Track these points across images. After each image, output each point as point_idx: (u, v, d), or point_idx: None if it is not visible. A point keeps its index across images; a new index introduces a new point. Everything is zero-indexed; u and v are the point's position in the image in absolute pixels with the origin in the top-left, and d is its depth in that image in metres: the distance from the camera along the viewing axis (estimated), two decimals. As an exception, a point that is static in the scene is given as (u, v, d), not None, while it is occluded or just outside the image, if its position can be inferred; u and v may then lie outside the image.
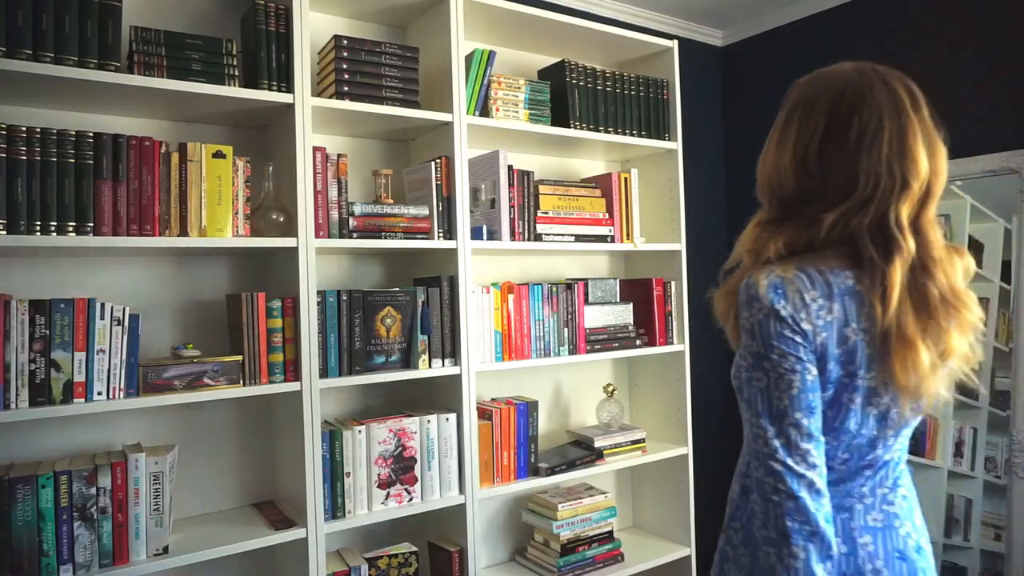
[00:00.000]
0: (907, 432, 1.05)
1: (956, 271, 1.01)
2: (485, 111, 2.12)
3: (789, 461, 0.94)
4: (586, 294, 2.32)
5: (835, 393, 0.99)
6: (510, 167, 2.15)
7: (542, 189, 2.23)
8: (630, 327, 2.39)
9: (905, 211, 0.99)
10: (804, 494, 0.92)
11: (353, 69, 1.89)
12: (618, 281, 2.46)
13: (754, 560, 1.03)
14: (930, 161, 1.03)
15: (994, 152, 2.36)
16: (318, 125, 1.95)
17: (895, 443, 1.04)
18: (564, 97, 2.27)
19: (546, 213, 2.22)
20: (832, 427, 1.00)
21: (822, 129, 1.03)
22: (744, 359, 1.00)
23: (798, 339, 0.96)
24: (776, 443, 0.95)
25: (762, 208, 1.11)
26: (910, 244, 0.97)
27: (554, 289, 2.23)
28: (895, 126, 1.01)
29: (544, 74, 2.38)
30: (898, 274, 0.96)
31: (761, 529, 0.95)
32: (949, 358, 0.99)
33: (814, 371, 0.97)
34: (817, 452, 0.95)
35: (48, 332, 1.49)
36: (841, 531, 1.01)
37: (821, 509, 0.93)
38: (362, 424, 1.90)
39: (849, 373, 0.98)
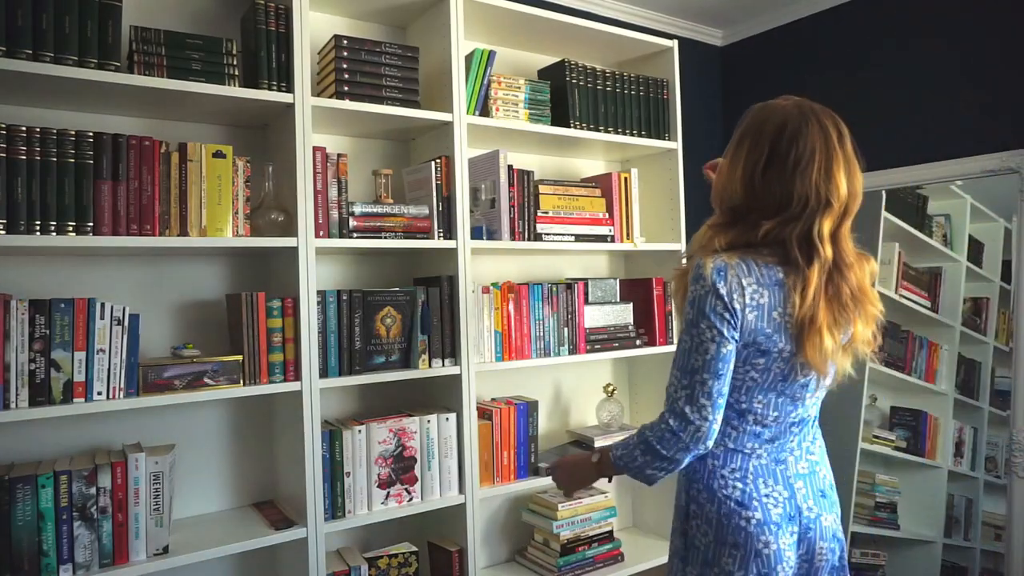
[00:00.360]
0: (820, 396, 1.32)
1: (865, 274, 1.27)
2: (485, 111, 2.12)
3: (687, 409, 1.20)
4: (586, 294, 2.32)
5: (765, 362, 1.23)
6: (510, 167, 2.14)
7: (542, 189, 2.23)
8: (630, 327, 2.39)
9: (827, 225, 1.22)
10: (684, 435, 1.20)
11: (353, 69, 1.89)
12: (618, 281, 2.46)
13: (717, 514, 1.26)
14: (849, 186, 1.24)
15: (994, 152, 2.36)
16: (318, 125, 1.95)
17: (812, 404, 1.31)
18: (564, 97, 2.27)
19: (546, 213, 2.22)
20: (763, 389, 1.25)
21: (766, 155, 1.24)
22: (682, 324, 1.25)
23: (727, 315, 1.19)
24: (682, 393, 1.21)
25: (715, 214, 1.34)
26: (828, 252, 1.21)
27: (554, 289, 2.23)
28: (823, 157, 1.23)
29: (544, 74, 2.37)
30: (815, 276, 1.20)
31: (651, 463, 1.25)
32: (855, 342, 1.26)
33: (730, 346, 1.20)
34: (711, 409, 1.20)
35: (48, 332, 1.49)
36: (781, 479, 1.27)
37: (689, 451, 1.21)
38: (362, 424, 1.90)
39: (776, 348, 1.22)
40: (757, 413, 1.26)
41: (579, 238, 2.28)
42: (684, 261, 1.36)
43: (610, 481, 1.48)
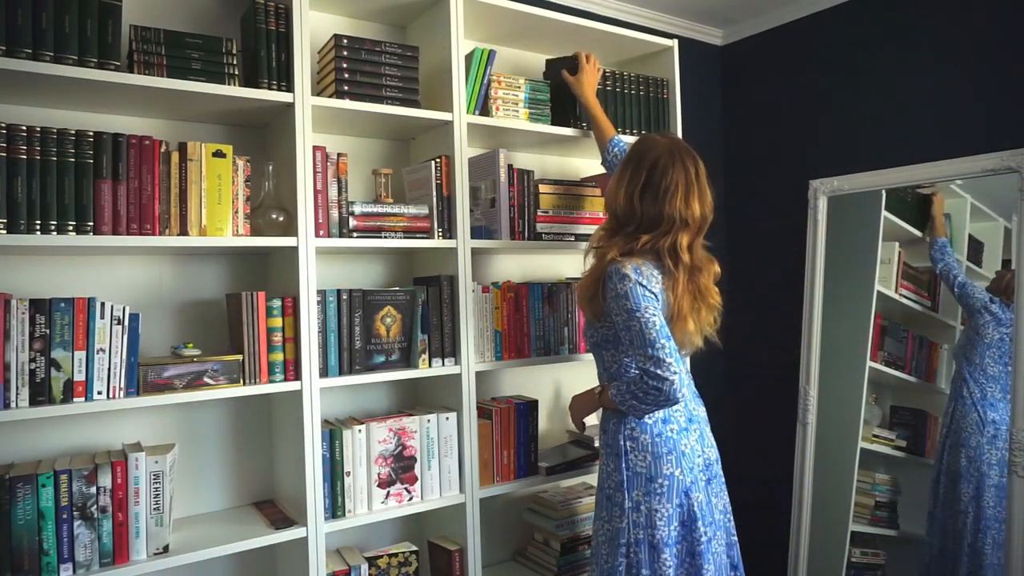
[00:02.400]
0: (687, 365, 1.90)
1: (710, 274, 1.73)
2: (485, 110, 2.12)
3: (668, 360, 1.55)
4: (586, 293, 2.31)
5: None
6: (510, 166, 2.14)
7: (542, 188, 2.23)
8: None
9: (686, 239, 1.68)
10: (676, 379, 1.55)
11: (353, 68, 1.89)
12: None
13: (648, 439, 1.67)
14: (701, 210, 1.69)
15: (994, 151, 2.36)
16: (318, 124, 1.95)
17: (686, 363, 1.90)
18: (568, 97, 2.27)
19: (546, 212, 2.22)
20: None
21: (642, 182, 1.69)
22: (615, 320, 1.64)
23: (652, 299, 1.60)
24: (658, 355, 1.55)
25: (607, 219, 1.80)
26: (687, 259, 1.68)
27: (554, 288, 2.23)
28: (684, 190, 1.67)
29: (548, 67, 2.37)
30: (682, 277, 1.67)
31: (640, 406, 1.62)
32: (702, 324, 1.73)
33: (663, 319, 1.60)
34: (676, 361, 1.57)
35: (48, 331, 1.49)
36: (680, 405, 1.69)
37: (683, 387, 1.59)
38: (362, 423, 1.90)
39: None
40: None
41: (579, 237, 2.28)
42: (586, 259, 1.83)
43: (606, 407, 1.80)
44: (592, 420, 2.55)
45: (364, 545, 2.09)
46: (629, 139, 2.05)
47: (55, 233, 1.51)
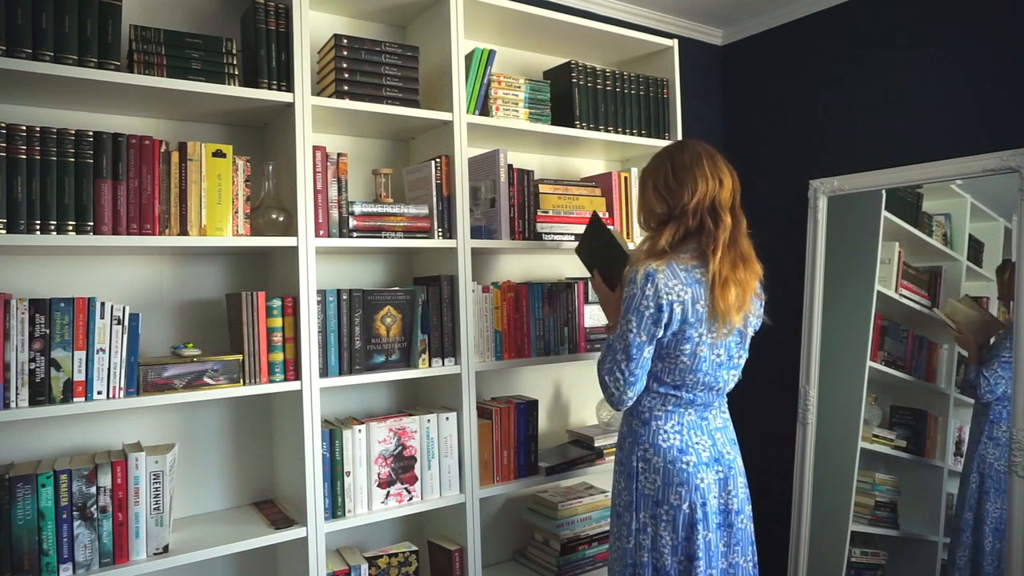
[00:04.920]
0: (735, 374, 1.72)
1: (750, 245, 1.69)
2: (485, 110, 2.12)
3: (627, 378, 1.59)
4: (586, 293, 2.31)
5: (691, 347, 1.60)
6: (510, 166, 2.14)
7: (542, 188, 2.23)
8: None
9: (723, 199, 1.67)
10: (623, 398, 1.61)
11: (353, 68, 1.89)
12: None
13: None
14: (731, 180, 1.70)
15: (994, 151, 2.36)
16: (318, 124, 1.95)
17: (729, 380, 1.71)
18: (570, 98, 2.27)
19: (546, 212, 2.22)
20: (690, 368, 1.61)
21: (665, 173, 1.68)
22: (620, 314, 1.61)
23: (650, 311, 1.55)
24: (624, 368, 1.58)
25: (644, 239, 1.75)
26: (727, 219, 1.64)
27: (554, 288, 2.23)
28: (706, 159, 1.68)
29: (550, 75, 2.38)
30: (721, 236, 1.62)
31: (600, 373, 1.64)
32: (749, 293, 1.65)
33: (645, 336, 1.57)
34: (636, 372, 1.59)
35: (48, 331, 1.49)
36: (705, 432, 1.67)
37: (626, 400, 1.62)
38: (362, 423, 1.90)
39: (699, 332, 1.59)
40: (688, 386, 1.63)
41: (579, 238, 2.27)
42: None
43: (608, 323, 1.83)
44: (591, 419, 2.54)
45: (364, 545, 2.09)
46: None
47: (55, 233, 1.51)
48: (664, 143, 2.46)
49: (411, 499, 1.95)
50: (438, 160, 2.01)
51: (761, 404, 3.07)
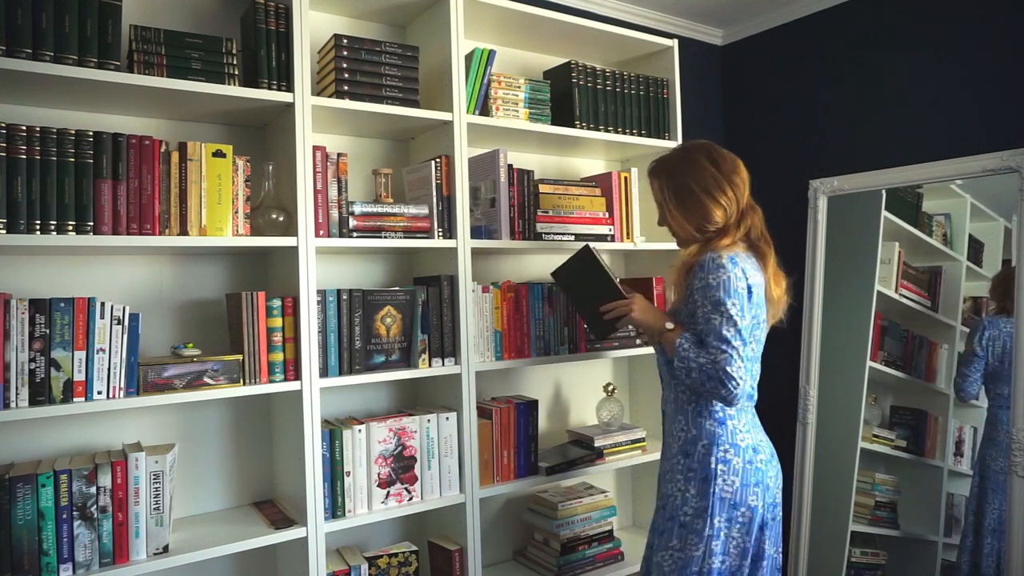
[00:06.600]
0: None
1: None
2: (485, 110, 2.12)
3: (739, 364, 1.54)
4: (586, 293, 2.31)
5: (760, 335, 1.66)
6: (510, 166, 2.14)
7: (542, 188, 2.23)
8: (630, 326, 2.39)
9: (759, 218, 1.75)
10: (740, 387, 1.54)
11: (353, 68, 1.89)
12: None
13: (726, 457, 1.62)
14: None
15: (994, 151, 2.36)
16: (318, 124, 1.95)
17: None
18: (570, 98, 2.27)
19: (546, 212, 2.22)
20: (756, 358, 1.67)
21: (720, 181, 1.72)
22: (703, 305, 1.58)
23: (743, 292, 1.57)
24: (732, 355, 1.53)
25: (691, 243, 1.75)
26: (768, 237, 1.73)
27: (554, 288, 2.23)
28: (744, 171, 1.78)
29: (550, 75, 2.38)
30: (771, 253, 1.71)
31: (695, 386, 1.60)
32: (785, 295, 1.74)
33: (748, 318, 1.57)
34: (751, 357, 1.61)
35: (48, 331, 1.49)
36: (760, 428, 1.70)
37: (748, 390, 1.59)
38: (362, 423, 1.90)
39: (763, 320, 1.67)
40: (753, 377, 1.64)
41: (579, 237, 2.28)
42: (672, 289, 1.80)
43: (649, 343, 1.86)
44: (591, 419, 2.54)
45: (364, 545, 2.09)
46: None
47: (55, 233, 1.51)
48: (664, 143, 2.47)
49: (411, 499, 1.95)
50: (438, 160, 2.01)
51: (761, 404, 3.06)
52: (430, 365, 1.97)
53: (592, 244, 1.95)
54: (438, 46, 2.06)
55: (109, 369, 1.55)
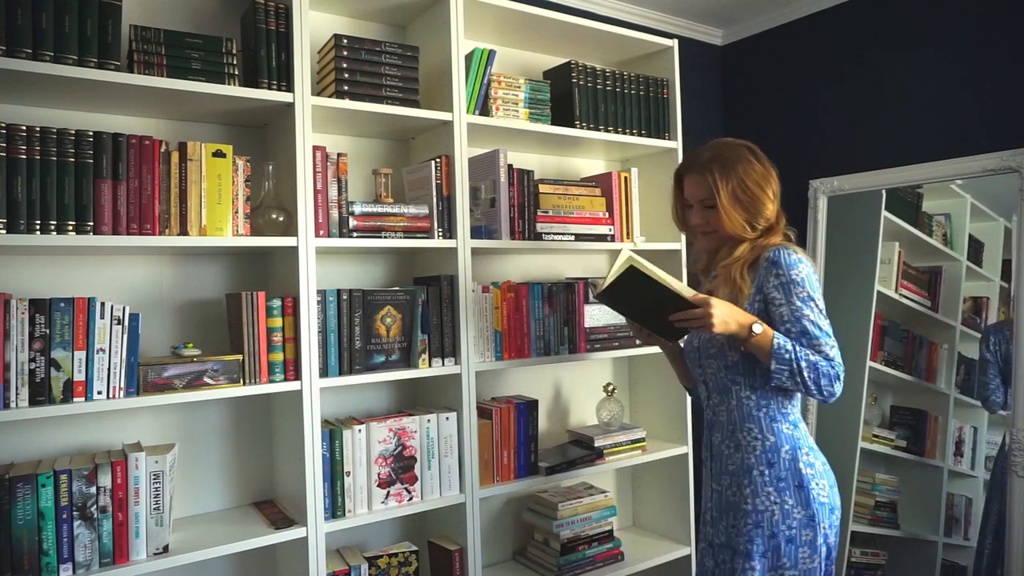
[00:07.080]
0: None
1: None
2: (485, 110, 2.12)
3: (838, 356, 1.50)
4: (586, 293, 2.31)
5: None
6: (510, 166, 2.14)
7: (542, 188, 2.23)
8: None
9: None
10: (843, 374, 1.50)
11: (353, 68, 1.89)
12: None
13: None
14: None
15: (994, 151, 2.36)
16: (318, 124, 1.95)
17: None
18: (570, 98, 2.27)
19: (546, 212, 2.22)
20: None
21: (772, 181, 1.66)
22: (788, 302, 1.52)
23: (819, 286, 1.54)
24: (836, 354, 1.49)
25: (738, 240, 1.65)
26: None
27: (554, 288, 2.23)
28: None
29: (550, 75, 2.38)
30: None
31: (807, 382, 1.47)
32: None
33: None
34: None
35: (48, 331, 1.49)
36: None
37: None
38: (362, 423, 1.90)
39: None
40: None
41: (579, 237, 2.28)
42: (722, 288, 1.65)
43: (742, 348, 1.56)
44: (591, 419, 2.54)
45: (364, 545, 2.09)
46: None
47: (55, 233, 1.51)
48: (664, 143, 2.47)
49: (411, 499, 1.95)
50: (438, 160, 2.01)
51: (761, 404, 3.06)
52: (430, 365, 1.97)
53: (630, 252, 1.63)
54: (438, 46, 2.06)
55: (109, 369, 1.55)
